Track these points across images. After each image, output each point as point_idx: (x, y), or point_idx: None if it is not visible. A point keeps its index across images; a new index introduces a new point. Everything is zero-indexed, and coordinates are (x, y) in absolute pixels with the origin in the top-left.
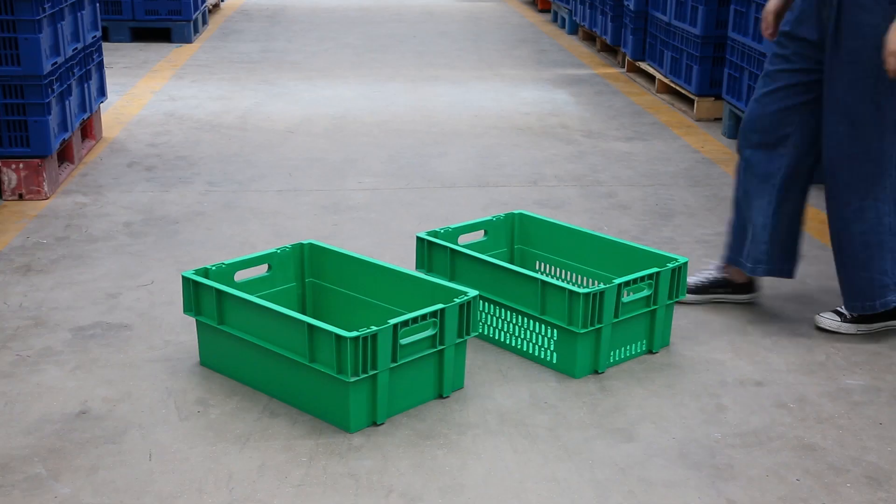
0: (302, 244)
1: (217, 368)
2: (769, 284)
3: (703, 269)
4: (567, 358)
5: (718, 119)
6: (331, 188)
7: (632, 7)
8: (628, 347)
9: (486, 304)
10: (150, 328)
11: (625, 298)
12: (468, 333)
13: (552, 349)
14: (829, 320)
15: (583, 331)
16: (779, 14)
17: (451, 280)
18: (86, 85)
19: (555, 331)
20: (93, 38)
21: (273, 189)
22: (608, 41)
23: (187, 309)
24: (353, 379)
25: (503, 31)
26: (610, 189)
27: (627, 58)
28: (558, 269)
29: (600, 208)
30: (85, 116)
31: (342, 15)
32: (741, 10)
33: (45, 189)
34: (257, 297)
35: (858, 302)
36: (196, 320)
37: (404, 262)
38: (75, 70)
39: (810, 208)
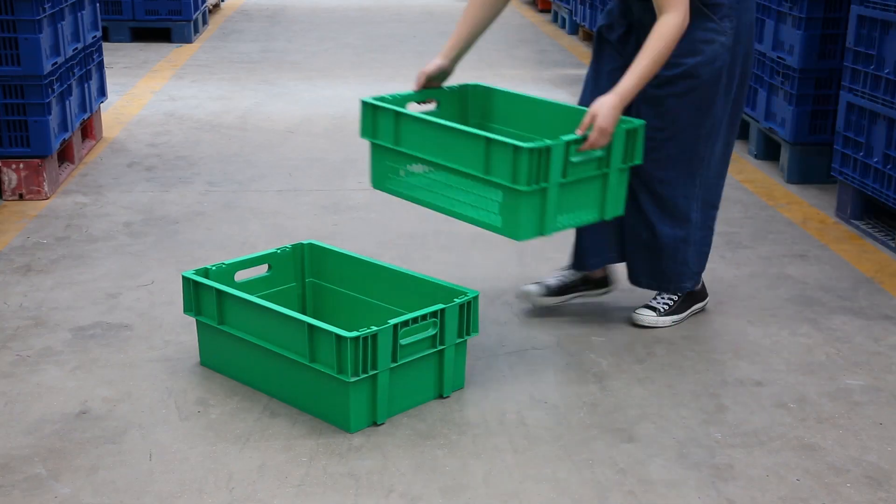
0: (302, 244)
1: (217, 368)
2: (769, 284)
3: (558, 271)
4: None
5: None
6: (331, 188)
7: None
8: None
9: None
10: (150, 328)
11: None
12: (468, 333)
13: None
14: (645, 316)
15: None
16: (430, 76)
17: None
18: (86, 85)
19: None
20: (93, 38)
21: (273, 189)
22: None
23: (187, 309)
24: (353, 379)
25: (503, 31)
26: None
27: None
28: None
29: None
30: (85, 116)
31: (342, 15)
32: None
33: (46, 189)
34: (257, 297)
35: (655, 282)
36: (196, 320)
37: (404, 262)
38: (75, 70)
39: (809, 208)
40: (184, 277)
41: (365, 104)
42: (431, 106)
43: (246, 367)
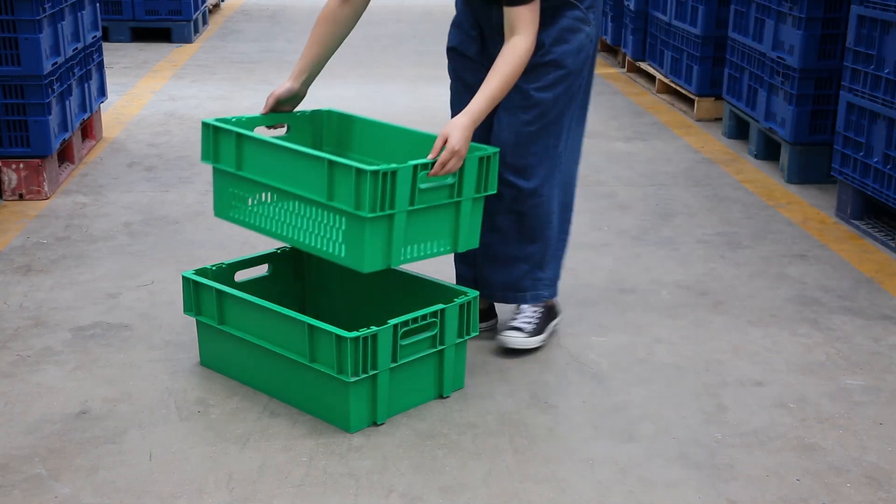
0: None
1: (217, 368)
2: (769, 284)
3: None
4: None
5: (719, 119)
6: None
7: (632, 7)
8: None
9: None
10: (150, 328)
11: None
12: (468, 333)
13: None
14: (514, 338)
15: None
16: (280, 99)
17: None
18: (86, 85)
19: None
20: (93, 38)
21: None
22: (608, 41)
23: (187, 309)
24: (353, 379)
25: None
26: (610, 189)
27: (627, 58)
28: None
29: (600, 208)
30: (85, 116)
31: None
32: (741, 10)
33: (46, 189)
34: (257, 297)
35: (511, 293)
36: (196, 320)
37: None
38: (75, 70)
39: (809, 208)
40: (184, 277)
41: (206, 125)
42: (282, 131)
43: (246, 367)
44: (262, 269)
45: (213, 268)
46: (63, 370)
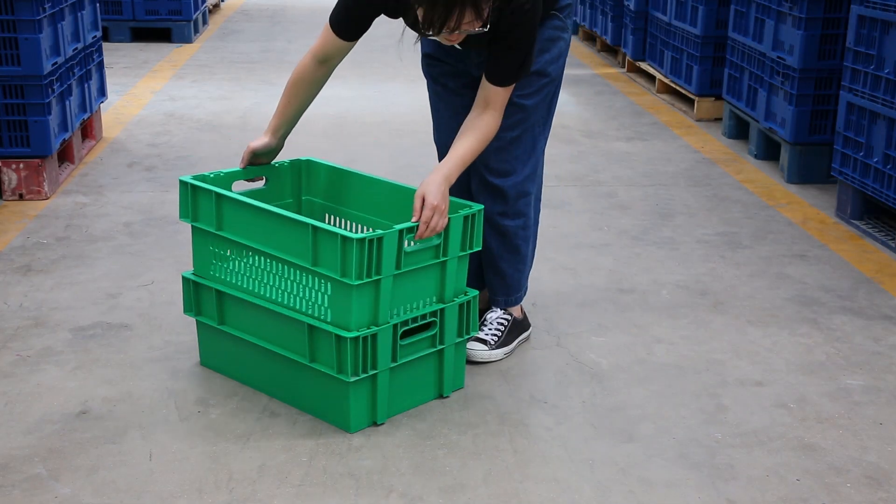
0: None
1: (217, 368)
2: (769, 284)
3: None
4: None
5: (718, 119)
6: None
7: (632, 7)
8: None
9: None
10: (150, 328)
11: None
12: (468, 333)
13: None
14: (477, 351)
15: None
16: (257, 152)
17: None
18: (86, 85)
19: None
20: (93, 38)
21: None
22: (608, 41)
23: (187, 309)
24: (353, 379)
25: None
26: (610, 189)
27: (627, 58)
28: None
29: (600, 208)
30: (85, 116)
31: None
32: (741, 10)
33: (46, 189)
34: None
35: (512, 296)
36: (196, 320)
37: None
38: (75, 70)
39: (809, 208)
40: (184, 278)
41: (183, 184)
42: (260, 183)
43: (246, 367)
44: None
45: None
46: (63, 370)
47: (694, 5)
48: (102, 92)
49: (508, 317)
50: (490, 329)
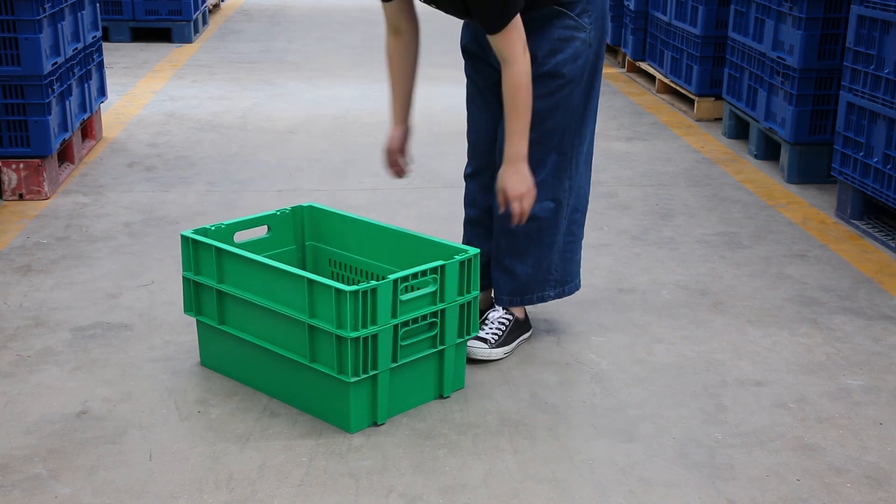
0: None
1: (217, 368)
2: (769, 284)
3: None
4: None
5: (718, 119)
6: (331, 188)
7: (632, 7)
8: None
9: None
10: (150, 328)
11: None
12: (469, 333)
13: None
14: (477, 349)
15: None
16: (395, 149)
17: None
18: (86, 85)
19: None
20: (93, 38)
21: (273, 189)
22: (608, 41)
23: (187, 309)
24: (353, 379)
25: None
26: (610, 189)
27: (627, 58)
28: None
29: (600, 208)
30: (85, 116)
31: (342, 15)
32: (741, 10)
33: (46, 189)
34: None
35: (517, 297)
36: (196, 320)
37: None
38: (75, 70)
39: (809, 208)
40: (184, 278)
41: (185, 239)
42: (262, 231)
43: (246, 367)
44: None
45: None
46: (63, 370)
47: (694, 5)
48: (102, 92)
49: (510, 317)
50: (491, 328)
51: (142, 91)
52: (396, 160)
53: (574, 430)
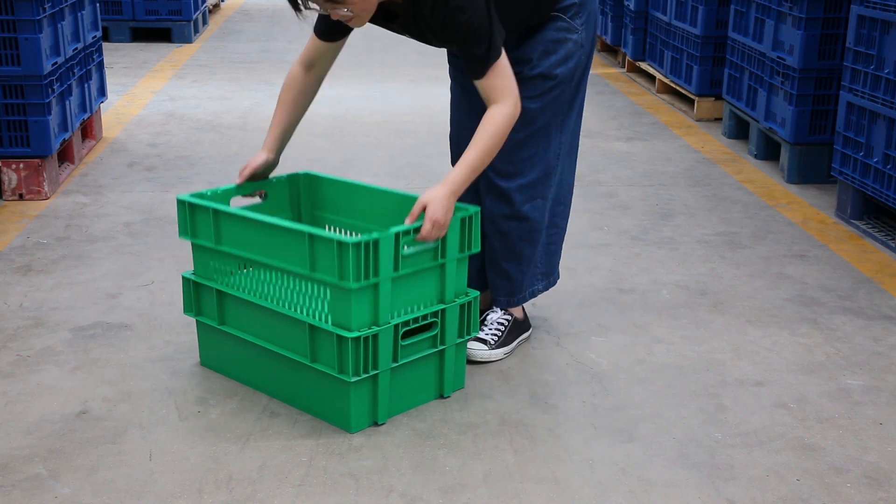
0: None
1: (217, 369)
2: (769, 284)
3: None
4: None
5: (718, 119)
6: None
7: (632, 7)
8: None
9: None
10: (150, 328)
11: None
12: (469, 333)
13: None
14: (477, 350)
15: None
16: (256, 170)
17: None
18: (86, 85)
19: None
20: (93, 38)
21: None
22: (608, 41)
23: (187, 309)
24: (354, 379)
25: None
26: (610, 189)
27: (627, 58)
28: None
29: (600, 208)
30: (85, 116)
31: None
32: (741, 10)
33: (46, 189)
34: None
35: (514, 296)
36: (196, 320)
37: None
38: (75, 70)
39: (809, 208)
40: (184, 278)
41: (181, 203)
42: (258, 199)
43: (246, 367)
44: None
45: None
46: (63, 370)
47: (694, 5)
48: (102, 92)
49: (509, 317)
50: (490, 329)
51: (142, 91)
52: (247, 175)
53: (574, 430)
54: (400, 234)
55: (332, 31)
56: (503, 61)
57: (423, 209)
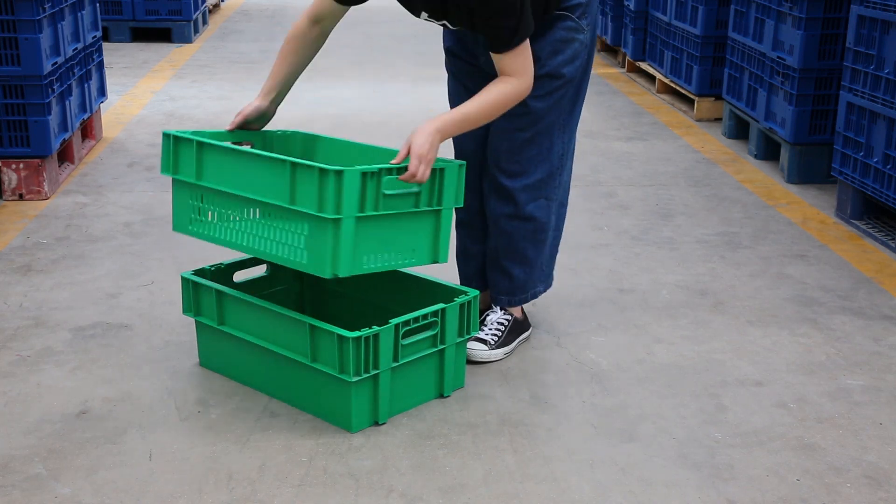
0: None
1: (217, 369)
2: (769, 284)
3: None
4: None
5: (718, 119)
6: None
7: (632, 7)
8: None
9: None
10: (150, 328)
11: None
12: (469, 333)
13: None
14: (477, 351)
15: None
16: (248, 118)
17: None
18: (86, 85)
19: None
20: (93, 38)
21: None
22: (608, 41)
23: (187, 309)
24: (355, 379)
25: None
26: (610, 189)
27: (627, 58)
28: None
29: (600, 208)
30: (85, 116)
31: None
32: (741, 10)
33: (46, 189)
34: (257, 296)
35: (515, 296)
36: (195, 321)
37: None
38: (75, 70)
39: (809, 208)
40: (183, 278)
41: (166, 136)
42: (246, 148)
43: (246, 368)
44: (260, 270)
45: (212, 268)
46: (63, 370)
47: (694, 5)
48: (102, 92)
49: (509, 317)
50: (490, 329)
51: (142, 91)
52: (239, 122)
53: (574, 430)
54: (384, 169)
55: None
56: (527, 43)
57: (409, 148)
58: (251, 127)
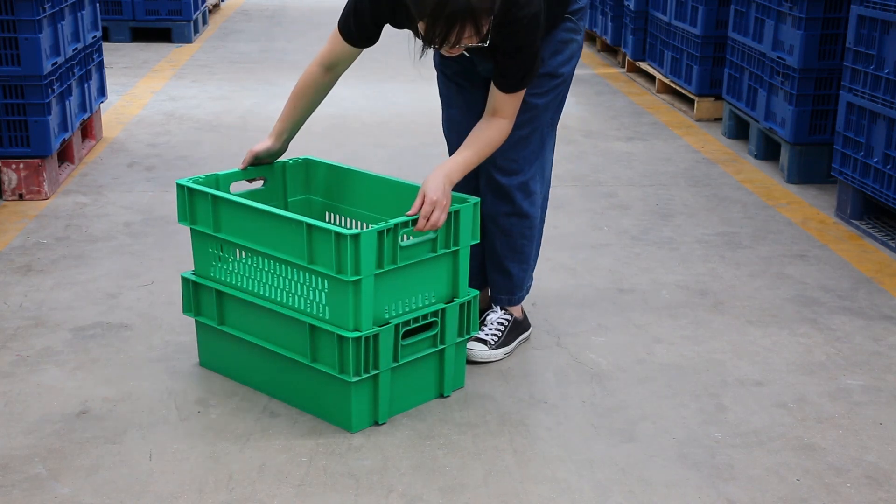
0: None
1: (216, 369)
2: (769, 284)
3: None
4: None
5: (718, 119)
6: None
7: (632, 7)
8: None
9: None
10: (150, 328)
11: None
12: (469, 333)
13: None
14: (478, 351)
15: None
16: (258, 156)
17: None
18: (86, 85)
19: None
20: (93, 38)
21: None
22: (608, 41)
23: (187, 309)
24: (355, 379)
25: None
26: (610, 189)
27: (627, 58)
28: None
29: (600, 208)
30: (85, 116)
31: None
32: (741, 10)
33: (46, 189)
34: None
35: (515, 294)
36: (195, 321)
37: None
38: (75, 70)
39: (809, 208)
40: (183, 278)
41: (180, 187)
42: (259, 184)
43: (246, 367)
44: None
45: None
46: (63, 370)
47: (694, 5)
48: (102, 92)
49: (509, 317)
50: (490, 329)
51: (142, 91)
52: (249, 160)
53: (574, 430)
54: (398, 225)
55: (366, 39)
56: (524, 92)
57: (424, 197)
58: (262, 162)
